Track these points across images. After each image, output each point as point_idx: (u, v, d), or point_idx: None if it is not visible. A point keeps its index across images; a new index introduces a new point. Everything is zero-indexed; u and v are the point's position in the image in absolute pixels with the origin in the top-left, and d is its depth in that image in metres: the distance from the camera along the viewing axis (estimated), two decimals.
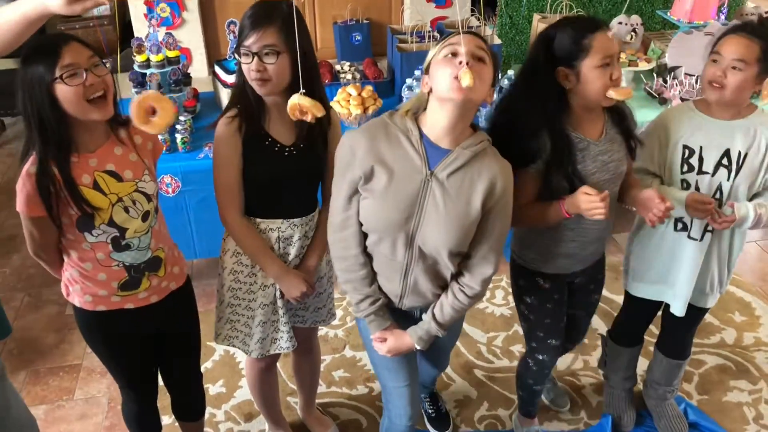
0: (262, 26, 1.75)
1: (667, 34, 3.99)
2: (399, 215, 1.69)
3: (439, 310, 1.84)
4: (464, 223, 1.69)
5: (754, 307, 3.28)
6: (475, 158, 1.68)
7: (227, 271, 2.06)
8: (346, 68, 3.62)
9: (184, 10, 4.49)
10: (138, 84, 3.14)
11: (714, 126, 2.02)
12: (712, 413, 2.71)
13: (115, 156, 1.76)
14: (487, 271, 1.78)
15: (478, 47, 1.62)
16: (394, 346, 1.88)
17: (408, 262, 1.77)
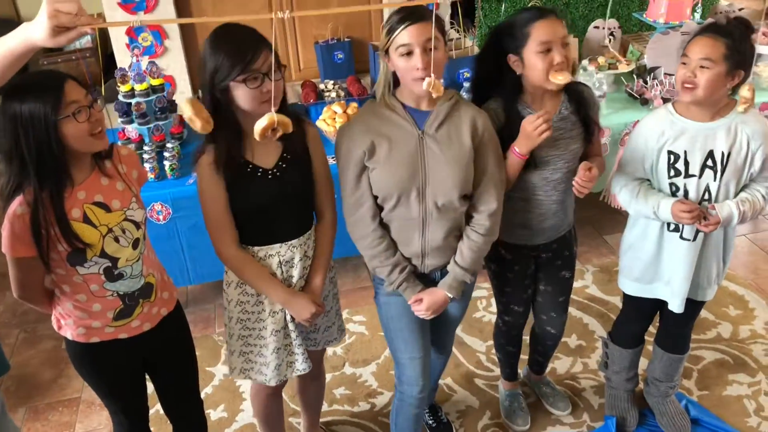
0: (263, 47, 1.76)
1: (645, 36, 4.04)
2: (406, 172, 1.88)
3: (459, 256, 2.01)
4: (462, 161, 1.90)
5: (748, 300, 3.30)
6: (452, 109, 1.91)
7: (233, 303, 2.05)
8: (330, 87, 3.64)
9: (166, 38, 4.50)
10: (124, 114, 3.15)
11: (695, 129, 2.04)
12: (713, 408, 2.72)
13: (102, 186, 1.76)
14: (492, 205, 1.98)
15: (429, 39, 1.76)
16: (431, 301, 2.02)
17: (424, 217, 1.94)
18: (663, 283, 2.27)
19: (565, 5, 4.55)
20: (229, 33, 1.78)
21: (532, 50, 1.94)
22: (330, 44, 4.41)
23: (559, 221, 2.24)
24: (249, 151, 1.88)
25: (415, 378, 2.16)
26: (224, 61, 1.73)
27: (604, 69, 3.43)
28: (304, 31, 4.90)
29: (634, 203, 2.15)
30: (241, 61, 1.72)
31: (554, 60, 1.93)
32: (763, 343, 3.04)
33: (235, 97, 1.78)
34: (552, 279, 2.39)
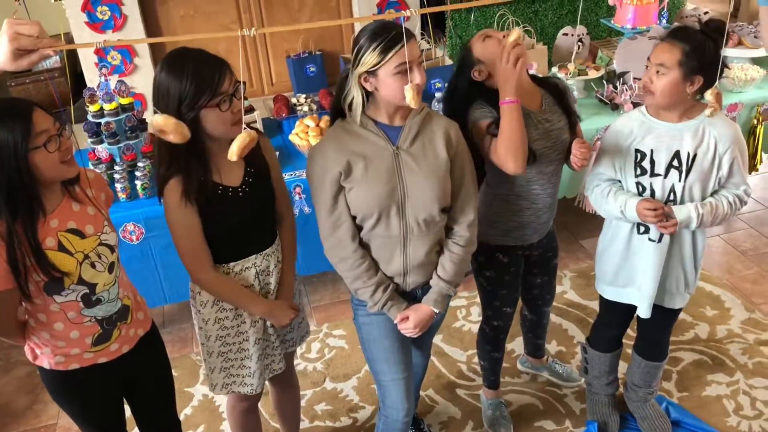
0: (225, 67, 1.75)
1: (613, 41, 4.09)
2: (384, 188, 1.87)
3: (441, 269, 2.01)
4: (439, 172, 1.90)
5: (723, 300, 3.33)
6: (424, 122, 1.91)
7: (210, 322, 2.02)
8: (302, 100, 3.63)
9: (136, 56, 4.47)
10: (93, 134, 3.11)
11: (663, 128, 2.07)
12: (693, 409, 2.74)
13: (74, 213, 1.73)
14: (470, 215, 2.00)
15: (420, 55, 1.82)
16: (417, 319, 2.01)
17: (405, 234, 1.93)
18: (635, 288, 2.28)
19: (534, 13, 4.60)
20: (187, 58, 1.74)
21: (477, 46, 2.08)
22: (302, 58, 4.41)
23: (551, 214, 2.34)
24: (216, 172, 1.87)
25: (399, 401, 2.14)
26: (190, 87, 1.69)
27: (574, 75, 3.46)
28: (275, 45, 4.90)
29: (604, 204, 2.17)
30: (210, 85, 1.70)
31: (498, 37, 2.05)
32: (739, 342, 3.07)
33: (205, 123, 1.75)
34: (546, 269, 2.51)
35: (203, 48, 1.79)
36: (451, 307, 3.38)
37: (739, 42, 3.69)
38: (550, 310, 2.74)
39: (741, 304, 3.30)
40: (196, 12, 4.60)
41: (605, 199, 2.16)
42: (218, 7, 4.62)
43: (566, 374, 2.91)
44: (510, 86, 1.97)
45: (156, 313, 3.45)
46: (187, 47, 1.79)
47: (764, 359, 2.95)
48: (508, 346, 3.01)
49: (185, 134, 1.69)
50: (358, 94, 1.85)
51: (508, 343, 2.69)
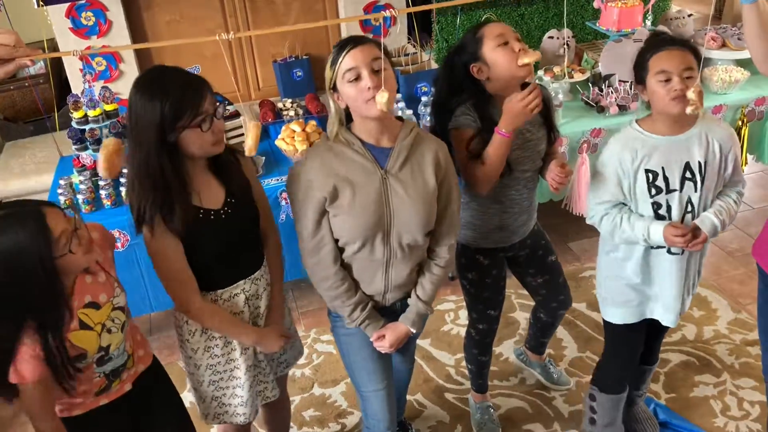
0: (204, 86, 1.71)
1: (599, 44, 4.10)
2: (372, 218, 1.82)
3: (421, 290, 2.00)
4: (427, 199, 1.87)
5: (710, 301, 3.34)
6: (414, 145, 1.86)
7: (200, 351, 1.98)
8: (288, 105, 3.62)
9: (121, 62, 4.43)
10: (77, 141, 3.09)
11: (668, 143, 2.00)
12: (681, 410, 2.75)
13: (88, 286, 1.70)
14: (452, 239, 1.99)
15: (374, 61, 1.73)
16: (394, 338, 2.00)
17: (388, 258, 1.90)
18: (653, 301, 2.20)
19: (520, 16, 4.61)
20: (165, 79, 1.68)
21: (490, 47, 2.02)
22: (288, 62, 4.39)
23: (529, 216, 2.34)
24: (196, 195, 1.80)
25: (381, 411, 2.12)
26: (170, 109, 1.63)
27: (560, 78, 3.47)
28: (262, 50, 4.87)
29: (618, 232, 2.07)
30: (190, 106, 1.65)
31: (514, 48, 2.00)
32: (726, 343, 3.08)
33: (186, 145, 1.70)
34: (543, 267, 2.50)
35: (190, 53, 1.77)
36: (439, 310, 3.38)
37: (723, 44, 3.71)
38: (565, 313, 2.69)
39: (728, 304, 3.32)
40: (181, 17, 4.57)
41: (619, 228, 2.06)
42: (204, 12, 4.59)
43: (557, 377, 2.91)
44: (513, 125, 1.97)
45: (142, 321, 3.43)
46: (165, 67, 1.74)
47: (751, 359, 2.97)
48: (495, 349, 3.01)
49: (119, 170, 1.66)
50: (334, 111, 1.83)
51: (496, 346, 2.69)
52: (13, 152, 4.22)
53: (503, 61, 2.00)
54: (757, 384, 2.83)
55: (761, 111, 3.52)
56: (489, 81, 2.07)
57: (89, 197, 2.92)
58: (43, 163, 3.93)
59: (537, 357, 2.94)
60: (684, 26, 3.90)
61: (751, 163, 3.74)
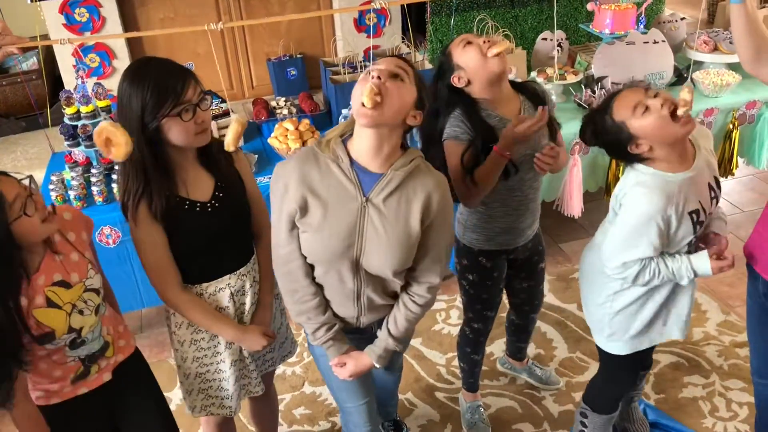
0: (189, 77, 1.71)
1: (592, 46, 4.11)
2: (340, 245, 1.68)
3: (393, 325, 1.84)
4: (405, 243, 1.69)
5: (700, 303, 3.36)
6: (409, 177, 1.67)
7: (186, 343, 1.98)
8: (281, 104, 3.62)
9: (114, 59, 4.44)
10: (70, 137, 3.09)
11: (694, 175, 1.90)
12: (670, 411, 2.76)
13: (58, 264, 1.69)
14: (434, 280, 1.79)
15: (397, 66, 1.64)
16: (354, 369, 1.87)
17: (358, 287, 1.77)
18: (669, 324, 2.12)
19: (514, 18, 4.62)
20: (150, 67, 1.70)
21: (458, 53, 2.04)
22: (282, 61, 4.40)
23: (534, 218, 2.33)
24: (182, 186, 1.81)
25: (362, 424, 2.07)
26: (152, 97, 1.64)
27: (553, 80, 3.48)
28: (256, 49, 4.89)
29: (656, 281, 1.95)
30: (172, 94, 1.65)
31: (479, 44, 2.01)
32: (715, 345, 3.09)
33: (168, 134, 1.71)
34: (533, 273, 2.52)
35: (184, 50, 1.77)
36: (431, 310, 3.38)
37: (715, 47, 3.73)
38: (537, 317, 2.74)
39: (717, 306, 3.33)
40: (176, 14, 4.58)
41: (657, 277, 1.94)
42: (198, 9, 4.61)
43: (545, 377, 2.92)
44: (512, 145, 1.96)
45: (133, 317, 3.42)
46: (152, 57, 1.75)
47: (739, 361, 2.98)
48: (487, 348, 3.01)
49: (129, 150, 1.66)
50: (346, 122, 1.73)
51: (487, 345, 2.70)
52: (5, 148, 4.22)
53: (473, 58, 2.02)
54: (745, 385, 2.85)
55: (752, 114, 3.55)
56: (471, 84, 2.06)
57: (81, 193, 2.91)
58: (35, 159, 3.93)
59: (519, 363, 2.95)
60: (676, 29, 3.92)
61: (741, 166, 3.76)
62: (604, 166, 3.43)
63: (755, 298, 2.09)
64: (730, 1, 1.82)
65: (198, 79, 1.74)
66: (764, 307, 2.05)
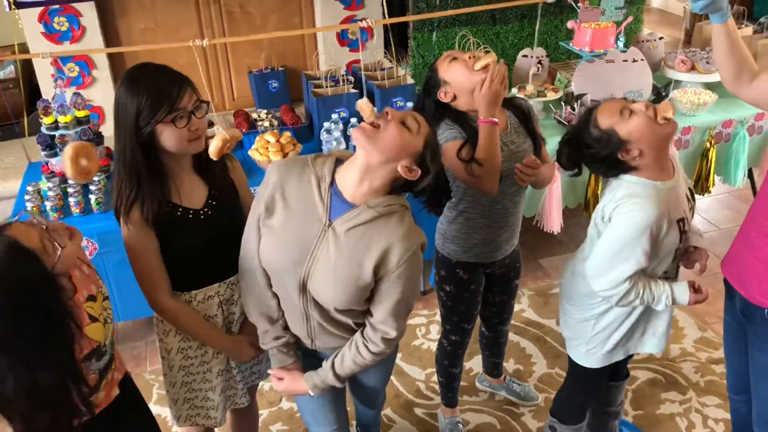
0: (186, 84, 1.71)
1: (572, 64, 4.16)
2: (289, 257, 1.66)
3: (339, 362, 1.77)
4: (353, 284, 1.62)
5: (678, 319, 3.39)
6: (380, 219, 1.61)
7: (173, 351, 1.96)
8: (263, 116, 3.61)
9: (94, 69, 4.38)
10: (47, 147, 3.05)
11: (675, 186, 1.93)
12: (648, 427, 2.77)
13: (82, 279, 1.64)
14: (390, 332, 1.69)
15: (413, 117, 1.63)
16: (286, 387, 1.86)
17: (305, 308, 1.73)
18: (647, 335, 2.13)
19: (495, 35, 4.66)
20: (147, 73, 1.71)
21: (444, 69, 2.08)
22: (264, 73, 4.38)
23: (513, 232, 2.35)
24: (176, 193, 1.81)
25: None
26: (147, 102, 1.65)
27: (533, 97, 3.51)
28: (237, 61, 4.86)
29: (637, 302, 1.96)
30: (167, 100, 1.66)
31: (464, 59, 2.05)
32: (692, 361, 3.12)
33: (162, 140, 1.71)
34: (506, 288, 2.54)
35: (164, 61, 1.76)
36: (411, 324, 3.38)
37: (692, 67, 3.79)
38: (508, 330, 2.75)
39: (694, 323, 3.36)
40: (157, 25, 4.55)
41: (639, 299, 1.94)
42: (180, 20, 4.58)
43: (524, 393, 2.92)
44: (492, 107, 1.99)
45: None
46: (151, 63, 1.75)
47: (716, 377, 3.01)
48: (466, 364, 3.02)
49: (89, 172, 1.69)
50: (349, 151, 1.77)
51: (466, 361, 2.70)
52: None
53: (458, 72, 2.05)
54: (721, 402, 2.87)
55: (728, 133, 3.60)
56: (457, 99, 2.09)
57: (57, 204, 2.87)
58: (11, 169, 3.87)
59: (497, 380, 2.95)
60: (655, 48, 3.98)
61: (718, 184, 3.81)
62: (583, 183, 3.46)
63: (732, 315, 2.11)
64: (712, 21, 1.84)
65: (195, 87, 1.74)
66: (741, 324, 2.07)
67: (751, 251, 1.96)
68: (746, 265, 1.98)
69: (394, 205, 1.63)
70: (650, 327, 2.12)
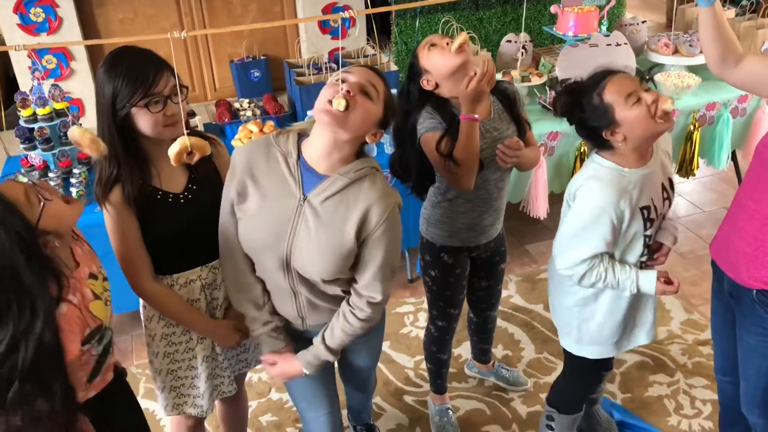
0: (164, 69, 1.70)
1: (555, 49, 4.15)
2: (269, 237, 1.67)
3: (329, 334, 1.79)
4: (337, 252, 1.64)
5: (664, 302, 3.40)
6: (353, 185, 1.64)
7: (157, 338, 1.95)
8: (245, 105, 3.58)
9: (72, 60, 4.33)
10: (26, 140, 3.00)
11: (649, 172, 1.92)
12: (637, 410, 2.78)
13: (84, 256, 1.62)
14: (375, 296, 1.72)
15: (370, 82, 1.61)
16: (281, 371, 1.86)
17: (292, 286, 1.74)
18: (638, 328, 2.13)
19: (479, 21, 4.65)
20: (126, 56, 1.70)
21: (423, 56, 2.06)
22: (246, 62, 4.35)
23: (498, 217, 2.34)
24: (156, 177, 1.81)
25: None
26: (123, 85, 1.65)
27: (518, 82, 3.50)
28: (218, 50, 4.82)
29: (600, 284, 1.96)
30: (142, 84, 1.65)
31: (441, 45, 2.03)
32: (679, 343, 3.14)
33: (138, 123, 1.71)
34: (491, 273, 2.53)
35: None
36: (399, 313, 3.37)
37: (675, 50, 3.79)
38: (496, 315, 2.75)
39: (680, 305, 3.38)
40: (135, 15, 4.49)
41: (602, 282, 1.94)
42: (158, 10, 4.52)
43: (513, 378, 2.92)
44: (475, 104, 1.97)
45: None
46: (132, 46, 1.74)
47: (703, 359, 3.03)
48: (455, 351, 3.02)
49: (101, 149, 1.66)
50: (307, 122, 1.73)
51: (455, 348, 2.69)
52: None
53: (436, 59, 2.04)
54: (708, 383, 2.89)
55: (712, 116, 3.61)
56: (439, 87, 2.08)
57: None
58: None
59: (485, 366, 2.95)
60: (638, 32, 3.98)
61: (702, 167, 3.83)
62: (569, 168, 3.46)
63: (720, 297, 2.12)
64: (699, 5, 1.84)
65: (174, 72, 1.72)
66: (729, 306, 2.08)
67: (738, 233, 1.96)
68: (734, 247, 1.98)
69: (364, 168, 1.65)
70: (639, 321, 2.12)
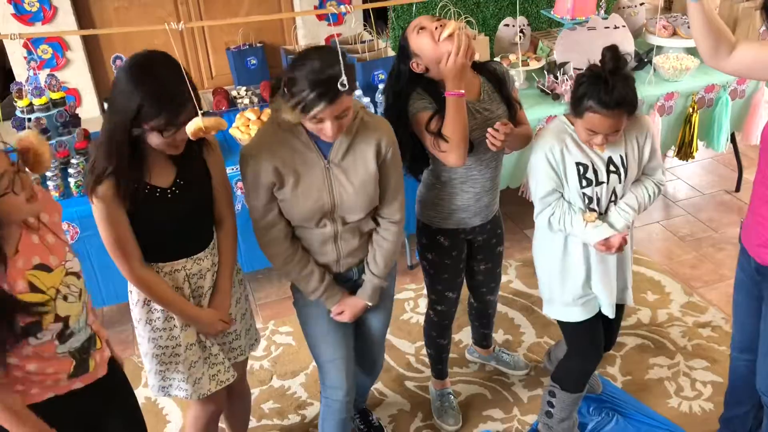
0: (189, 98, 1.66)
1: (553, 32, 4.12)
2: (315, 204, 1.91)
3: (373, 265, 2.09)
4: (370, 185, 1.95)
5: (664, 285, 3.41)
6: (357, 133, 1.91)
7: (142, 323, 1.98)
8: (242, 93, 3.56)
9: (68, 50, 4.30)
10: (22, 130, 2.97)
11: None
12: (637, 392, 2.79)
13: (36, 246, 1.58)
14: (396, 215, 2.06)
15: (343, 111, 1.77)
16: (351, 313, 2.12)
17: (336, 232, 1.99)
18: (599, 294, 2.24)
19: (476, 5, 4.62)
20: (154, 71, 1.68)
21: (413, 39, 2.05)
22: (242, 50, 4.31)
23: (492, 198, 2.34)
24: (146, 171, 1.82)
25: (339, 381, 2.17)
26: (149, 106, 1.65)
27: (516, 66, 3.48)
28: (215, 38, 4.79)
29: (558, 230, 2.15)
30: (168, 114, 1.66)
31: (431, 29, 2.02)
32: (679, 326, 3.14)
33: (147, 138, 1.73)
34: (489, 256, 2.52)
35: (140, 40, 1.72)
36: (399, 299, 3.37)
37: (674, 32, 3.77)
38: (497, 300, 2.75)
39: (680, 288, 3.39)
40: (130, 4, 4.46)
41: (561, 225, 2.12)
42: None
43: (513, 363, 2.93)
44: (458, 79, 1.96)
45: None
46: (163, 59, 1.71)
47: (702, 341, 3.04)
48: (455, 336, 3.02)
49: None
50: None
51: (455, 333, 2.70)
52: None
53: (425, 44, 2.03)
54: (708, 364, 2.90)
55: (711, 98, 3.60)
56: (429, 70, 2.07)
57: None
58: None
59: (486, 351, 2.95)
60: (636, 15, 3.95)
61: (701, 149, 3.82)
62: None
63: (747, 272, 2.11)
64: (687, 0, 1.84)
65: (198, 100, 1.69)
66: (755, 280, 2.08)
67: (757, 218, 1.98)
68: (755, 232, 1.99)
69: (357, 117, 1.91)
70: (597, 284, 2.21)
